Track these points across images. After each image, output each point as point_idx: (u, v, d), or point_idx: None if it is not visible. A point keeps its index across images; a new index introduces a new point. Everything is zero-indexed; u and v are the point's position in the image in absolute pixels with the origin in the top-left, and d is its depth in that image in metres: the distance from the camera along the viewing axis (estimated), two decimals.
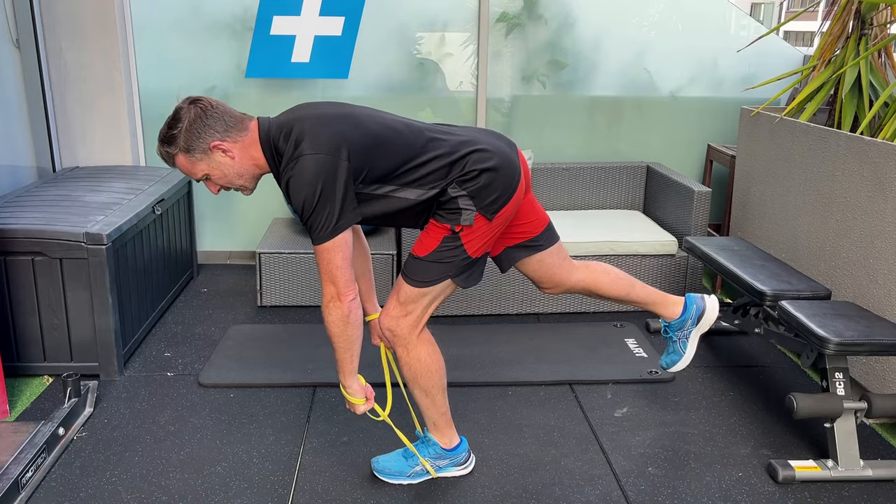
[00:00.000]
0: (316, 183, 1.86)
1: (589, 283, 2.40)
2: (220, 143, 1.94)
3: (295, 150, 1.90)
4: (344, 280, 1.93)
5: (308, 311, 3.66)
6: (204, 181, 2.03)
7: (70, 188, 3.35)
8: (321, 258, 1.93)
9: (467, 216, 2.03)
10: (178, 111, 1.95)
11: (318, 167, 1.87)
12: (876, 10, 3.14)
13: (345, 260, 1.92)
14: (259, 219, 4.26)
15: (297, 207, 1.90)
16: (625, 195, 4.22)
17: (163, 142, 1.97)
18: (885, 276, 2.62)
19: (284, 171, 1.91)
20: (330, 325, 1.99)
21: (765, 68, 4.20)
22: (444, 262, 2.07)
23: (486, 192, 2.03)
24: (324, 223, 1.88)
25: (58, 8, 3.65)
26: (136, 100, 3.95)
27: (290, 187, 1.89)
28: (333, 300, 1.95)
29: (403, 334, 2.13)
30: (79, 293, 2.83)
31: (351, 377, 2.11)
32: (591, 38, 4.10)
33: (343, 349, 2.03)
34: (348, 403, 2.16)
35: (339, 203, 1.90)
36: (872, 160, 2.68)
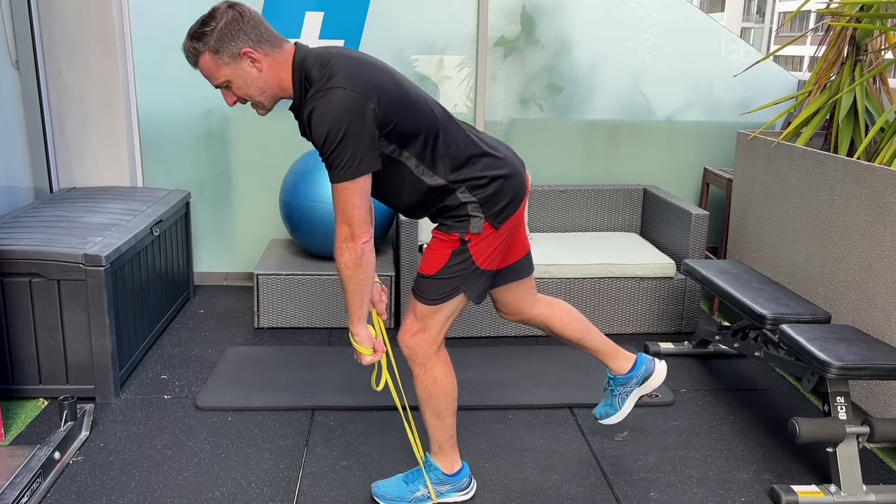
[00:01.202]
0: (343, 118, 1.81)
1: (546, 319, 2.42)
2: (252, 52, 1.87)
3: (327, 82, 1.83)
4: (360, 221, 1.88)
5: (305, 332, 3.65)
6: (222, 88, 1.92)
7: (68, 209, 3.33)
8: (339, 197, 1.87)
9: (476, 223, 2.04)
10: (215, 10, 1.88)
11: (348, 103, 1.81)
12: (870, 36, 3.18)
13: (363, 201, 1.88)
14: (256, 240, 4.25)
15: (319, 139, 1.83)
16: (622, 218, 4.24)
17: (192, 37, 1.88)
18: (884, 300, 2.63)
19: (311, 100, 1.84)
20: (341, 268, 1.93)
21: (760, 92, 4.24)
22: (454, 276, 2.08)
23: (496, 198, 2.05)
24: (346, 162, 1.83)
25: (58, 29, 3.66)
26: (134, 120, 3.95)
27: (314, 117, 1.82)
28: (347, 241, 1.90)
29: (422, 352, 2.14)
30: (76, 315, 2.81)
31: (359, 324, 2.04)
32: (588, 62, 4.14)
33: (353, 293, 1.97)
34: (355, 353, 2.09)
35: (365, 144, 1.84)
36: (870, 185, 2.70)
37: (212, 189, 4.16)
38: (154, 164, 4.08)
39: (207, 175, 4.13)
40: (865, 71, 3.21)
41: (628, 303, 3.66)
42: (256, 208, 4.21)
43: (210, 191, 4.16)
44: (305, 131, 1.95)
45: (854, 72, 3.21)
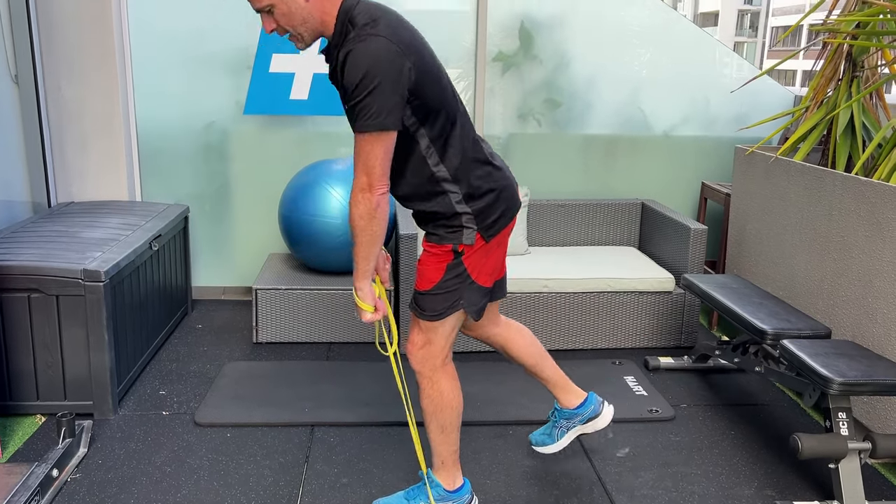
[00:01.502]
0: (379, 67, 1.79)
1: (503, 340, 2.44)
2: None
3: (372, 28, 1.82)
4: (380, 172, 1.87)
5: (304, 347, 3.63)
6: (263, 14, 1.88)
7: (66, 224, 3.33)
8: (361, 146, 1.85)
9: (469, 235, 2.05)
10: None
11: (387, 54, 1.81)
12: (867, 53, 3.20)
13: (386, 155, 1.86)
14: (254, 254, 4.24)
15: (351, 83, 1.80)
16: (620, 232, 4.25)
17: None
18: (885, 315, 2.64)
19: (350, 41, 1.82)
20: (356, 218, 1.91)
21: (756, 107, 4.27)
22: (451, 290, 2.09)
23: (489, 210, 2.07)
24: (374, 112, 1.80)
25: (58, 44, 3.66)
26: (133, 135, 3.95)
27: (350, 59, 1.79)
28: (364, 191, 1.88)
29: (429, 365, 2.15)
30: (74, 330, 2.79)
31: (365, 278, 2.02)
32: (586, 77, 4.16)
33: (364, 244, 1.94)
34: (357, 309, 2.07)
35: (394, 99, 1.82)
36: (869, 200, 2.71)
37: (210, 203, 4.15)
38: (152, 179, 4.07)
39: (206, 189, 4.13)
40: (862, 87, 3.23)
41: (628, 317, 3.66)
42: (255, 222, 4.20)
43: (209, 205, 4.16)
44: (335, 75, 1.92)
45: (851, 88, 3.23)
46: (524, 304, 3.58)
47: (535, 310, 3.59)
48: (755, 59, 44.23)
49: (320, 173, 3.72)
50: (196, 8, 3.88)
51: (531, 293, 3.57)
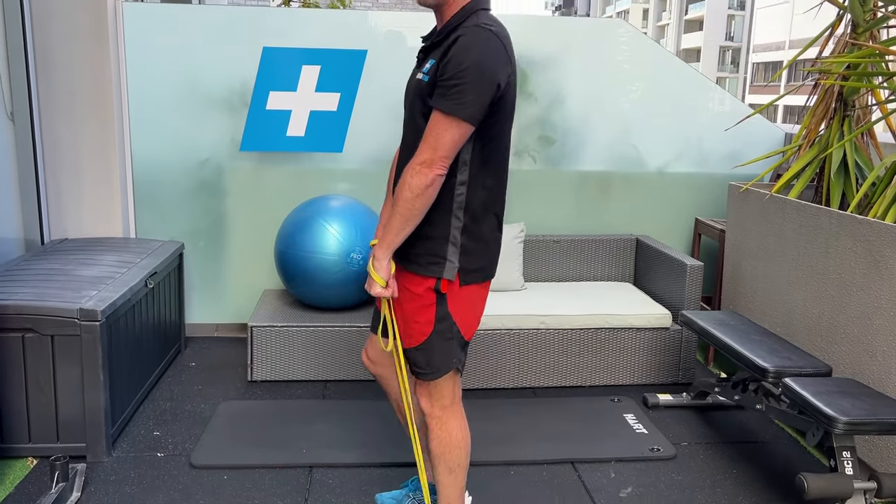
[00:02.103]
0: (489, 64, 1.85)
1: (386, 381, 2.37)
2: None
3: (495, 28, 1.89)
4: (444, 154, 1.89)
5: (300, 385, 3.59)
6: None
7: (61, 261, 3.29)
8: (438, 125, 1.87)
9: (450, 269, 2.02)
10: None
11: (499, 58, 1.87)
12: (858, 93, 3.26)
13: (456, 143, 1.89)
14: (248, 290, 4.21)
15: (454, 66, 1.84)
16: (615, 267, 4.26)
17: None
18: (884, 353, 2.65)
19: (465, 27, 1.88)
20: (405, 190, 1.91)
21: (747, 144, 4.32)
22: (446, 341, 2.07)
23: (476, 256, 2.05)
24: (467, 100, 1.84)
25: (55, 81, 3.66)
26: (128, 171, 3.94)
27: (461, 42, 1.85)
28: (424, 165, 1.89)
29: (438, 406, 2.14)
30: (69, 371, 2.75)
31: (387, 251, 1.99)
32: (580, 115, 4.20)
33: (402, 216, 1.93)
34: (369, 280, 2.03)
35: (485, 99, 1.87)
36: (866, 238, 2.74)
37: (205, 239, 4.13)
38: (147, 215, 4.05)
39: (200, 225, 4.11)
40: (853, 125, 3.29)
41: (625, 354, 3.65)
42: (249, 259, 4.18)
43: (203, 241, 4.13)
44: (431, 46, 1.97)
45: (843, 127, 3.29)
46: (521, 341, 3.56)
47: (532, 346, 3.58)
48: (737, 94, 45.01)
49: (317, 210, 3.71)
50: (193, 46, 3.90)
51: (528, 329, 3.56)
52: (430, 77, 1.93)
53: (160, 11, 3.89)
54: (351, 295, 3.72)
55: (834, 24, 3.41)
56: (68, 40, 3.63)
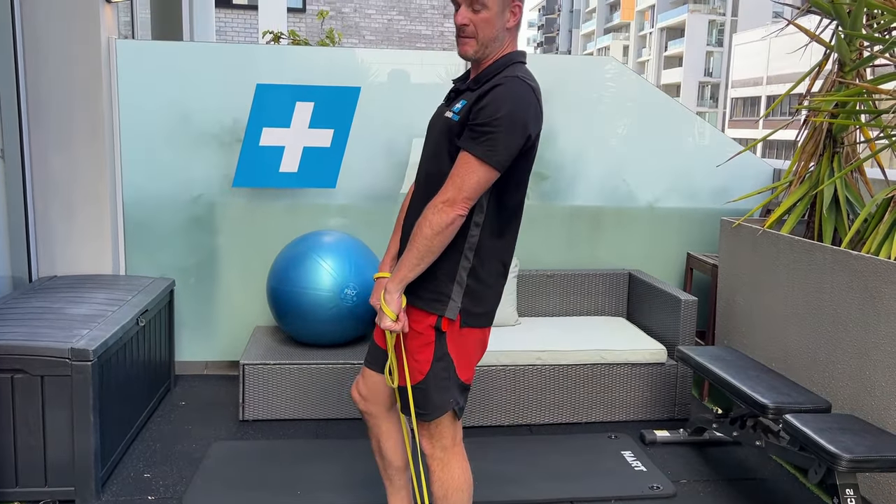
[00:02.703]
0: (522, 116, 1.90)
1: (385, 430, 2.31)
2: (519, 7, 1.99)
3: (531, 82, 1.95)
4: (468, 195, 1.91)
5: (294, 425, 3.53)
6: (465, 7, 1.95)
7: (50, 300, 3.24)
8: (466, 168, 1.90)
9: (452, 308, 2.03)
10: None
11: (533, 112, 1.93)
12: (846, 130, 3.32)
13: (481, 187, 1.92)
14: (239, 327, 4.16)
15: (489, 113, 1.88)
16: (608, 302, 4.26)
17: None
18: (882, 388, 2.65)
19: (503, 77, 1.93)
20: (425, 225, 1.93)
21: (736, 180, 4.37)
22: (442, 380, 2.06)
23: (480, 299, 2.06)
24: (496, 147, 1.88)
25: (47, 117, 3.64)
26: (119, 207, 3.90)
27: (498, 91, 1.90)
28: (446, 203, 1.91)
29: (439, 446, 2.12)
30: (59, 412, 2.68)
31: (400, 285, 1.98)
32: (572, 150, 4.24)
33: (419, 252, 1.94)
34: (379, 314, 2.02)
35: (514, 149, 1.91)
36: (861, 274, 2.76)
37: (195, 276, 4.09)
38: (137, 251, 4.01)
39: (191, 262, 4.07)
40: (843, 162, 3.33)
41: (620, 389, 3.63)
42: (240, 295, 4.14)
43: (193, 277, 4.09)
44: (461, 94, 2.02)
45: (832, 163, 3.33)
46: (516, 377, 3.54)
47: (528, 383, 3.55)
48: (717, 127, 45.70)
49: (310, 245, 3.69)
50: (186, 83, 3.90)
51: (524, 366, 3.54)
52: (461, 117, 1.96)
53: (153, 49, 3.90)
54: (345, 331, 3.69)
55: (821, 62, 3.47)
56: (61, 76, 3.62)
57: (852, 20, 3.13)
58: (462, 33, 1.97)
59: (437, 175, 2.01)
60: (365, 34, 14.40)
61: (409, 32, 14.69)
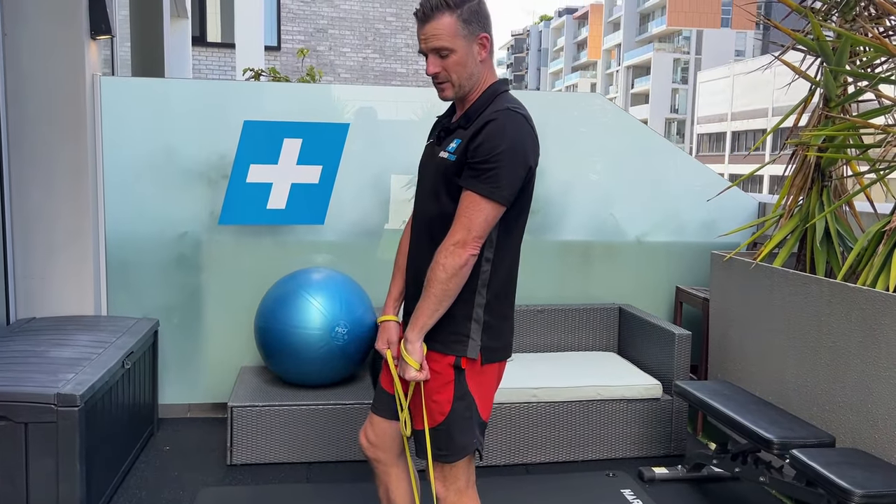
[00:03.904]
0: (521, 147, 1.90)
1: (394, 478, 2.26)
2: (487, 39, 1.95)
3: (518, 108, 1.93)
4: (479, 235, 1.91)
5: (284, 469, 3.42)
6: (434, 56, 1.93)
7: (31, 342, 3.12)
8: (473, 207, 1.88)
9: (473, 347, 2.00)
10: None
11: (532, 143, 1.94)
12: (835, 164, 3.36)
13: (489, 224, 1.91)
14: (223, 368, 4.05)
15: (488, 151, 1.87)
16: (599, 337, 4.24)
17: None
18: (886, 421, 2.64)
19: (496, 111, 1.91)
20: (439, 270, 1.90)
21: (722, 214, 4.41)
22: (465, 420, 2.02)
23: (498, 333, 2.05)
24: (502, 183, 1.88)
25: (29, 153, 3.55)
26: (101, 246, 3.80)
27: (493, 126, 1.88)
28: (458, 245, 1.90)
29: (453, 489, 2.08)
30: (43, 461, 2.56)
31: (420, 333, 1.96)
32: (560, 185, 4.25)
33: (436, 298, 1.92)
34: (401, 365, 1.98)
35: (518, 182, 1.91)
36: (859, 306, 2.77)
37: (179, 316, 3.98)
38: (119, 291, 3.90)
39: (175, 301, 3.97)
40: (832, 196, 3.37)
41: (616, 426, 3.59)
42: (225, 335, 4.03)
43: (177, 318, 3.98)
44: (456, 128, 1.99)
45: (822, 197, 3.37)
46: (511, 415, 3.48)
47: (524, 420, 3.49)
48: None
49: (300, 283, 3.62)
50: (171, 120, 3.85)
51: (519, 403, 3.49)
52: (458, 157, 1.94)
53: (139, 86, 3.85)
54: (335, 371, 3.61)
55: (807, 98, 3.53)
56: (44, 113, 3.54)
57: (838, 56, 3.19)
58: (437, 80, 1.97)
59: (438, 217, 2.00)
60: (340, 72, 14.46)
61: (384, 70, 14.78)
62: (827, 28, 3.30)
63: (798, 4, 3.45)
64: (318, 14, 14.17)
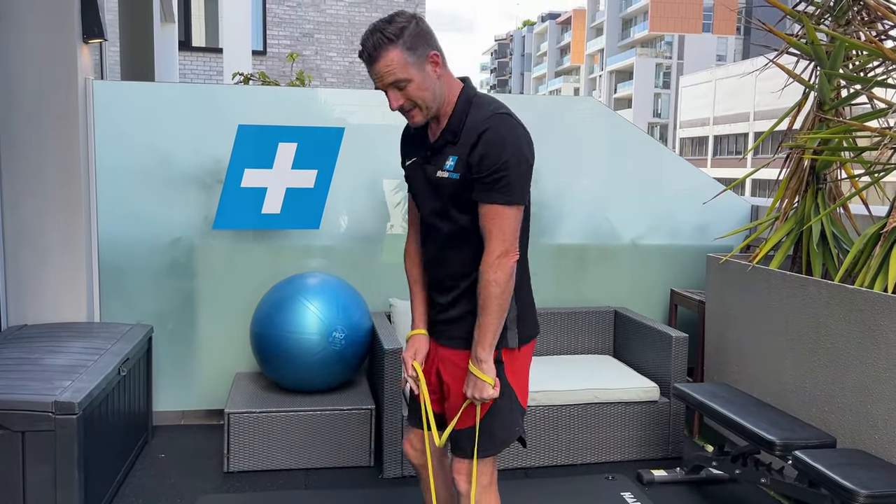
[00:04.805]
0: (523, 147, 1.92)
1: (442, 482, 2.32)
2: (438, 56, 1.93)
3: (508, 113, 1.94)
4: (515, 240, 1.95)
5: (282, 475, 3.39)
6: (393, 90, 1.92)
7: (25, 350, 3.07)
8: (500, 218, 1.92)
9: (512, 336, 2.06)
10: (401, 14, 1.92)
11: (527, 138, 1.96)
12: (829, 167, 3.39)
13: (518, 226, 1.96)
14: (218, 374, 4.01)
15: (494, 162, 1.88)
16: (594, 340, 4.24)
17: (381, 30, 1.87)
18: (886, 422, 2.66)
19: (482, 121, 1.92)
20: (492, 285, 1.93)
21: (715, 217, 4.43)
22: (504, 424, 2.08)
23: (528, 316, 2.13)
24: (515, 189, 1.91)
25: (20, 159, 3.50)
26: (94, 252, 3.76)
27: (492, 134, 1.90)
28: (502, 257, 1.93)
29: (478, 485, 2.10)
30: (41, 470, 2.52)
31: (491, 349, 1.99)
32: (555, 188, 4.25)
33: (497, 313, 1.95)
34: (474, 385, 1.99)
35: (527, 179, 1.95)
36: (858, 308, 2.79)
37: (173, 322, 3.94)
38: (112, 297, 3.85)
39: (168, 307, 3.92)
40: (827, 198, 3.40)
41: (614, 429, 3.59)
42: (220, 341, 4.00)
43: (171, 324, 3.94)
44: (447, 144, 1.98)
45: (817, 199, 3.39)
46: None
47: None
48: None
49: (296, 288, 3.60)
50: (165, 124, 3.81)
51: None
52: (461, 173, 1.96)
53: (131, 90, 3.81)
54: (333, 377, 3.59)
55: (800, 101, 3.56)
56: (36, 117, 3.49)
57: (832, 60, 3.22)
58: (403, 110, 1.98)
59: (458, 232, 2.04)
60: (326, 76, 14.42)
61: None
62: (820, 32, 3.33)
63: (791, 9, 3.48)
64: (305, 18, 14.13)
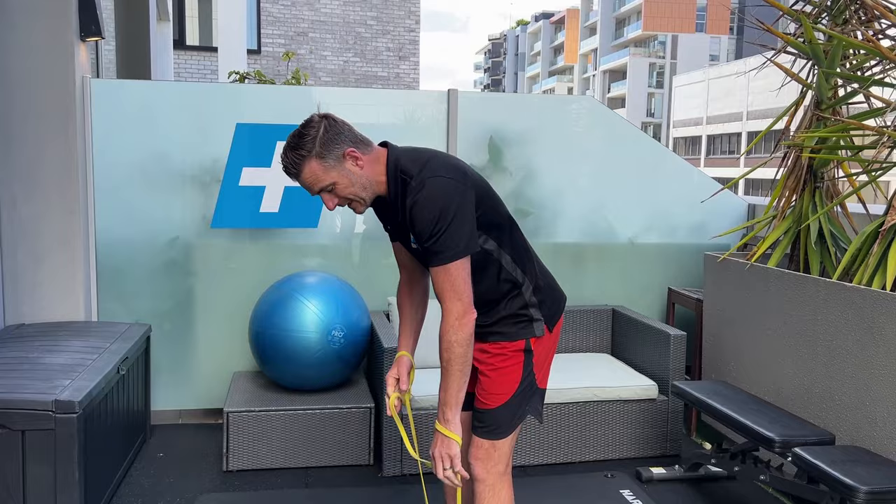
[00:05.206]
0: (449, 203, 1.90)
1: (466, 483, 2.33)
2: (353, 151, 1.94)
3: (427, 172, 1.93)
4: (469, 294, 1.94)
5: (281, 474, 3.39)
6: (324, 194, 1.96)
7: (24, 349, 3.06)
8: (447, 277, 1.92)
9: (539, 326, 2.12)
10: (309, 121, 1.94)
11: (450, 188, 1.92)
12: (827, 165, 3.41)
13: (469, 276, 1.94)
14: (216, 374, 4.00)
15: (426, 227, 1.90)
16: (592, 338, 4.25)
17: (294, 148, 1.92)
18: (884, 419, 2.68)
19: (412, 191, 1.93)
20: (454, 345, 1.93)
21: (712, 215, 4.45)
22: (522, 399, 2.13)
23: (550, 300, 2.17)
24: (454, 243, 1.90)
25: (17, 159, 3.49)
26: (91, 252, 3.74)
27: (417, 207, 1.90)
28: (460, 317, 1.93)
29: (494, 472, 2.14)
30: (41, 469, 2.51)
31: (457, 409, 1.99)
32: (553, 187, 4.26)
33: (459, 373, 1.96)
34: (441, 444, 1.99)
35: (469, 225, 1.94)
36: (856, 305, 2.81)
37: (171, 321, 3.93)
38: (110, 297, 3.84)
39: (166, 306, 3.92)
40: (824, 197, 3.41)
41: (613, 427, 3.60)
42: (218, 340, 3.99)
43: (169, 323, 3.93)
44: (401, 221, 2.04)
45: (814, 198, 3.41)
46: None
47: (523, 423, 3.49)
48: None
49: (295, 286, 3.59)
50: (162, 123, 3.80)
51: None
52: (419, 244, 2.00)
53: (128, 88, 3.80)
54: (331, 375, 3.58)
55: (798, 100, 3.58)
56: (33, 116, 3.48)
57: (830, 59, 3.24)
58: (344, 205, 2.02)
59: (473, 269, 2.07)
60: (321, 75, 14.40)
61: (365, 74, 14.75)
62: (818, 31, 3.35)
63: (789, 8, 3.50)
64: (299, 17, 14.10)
